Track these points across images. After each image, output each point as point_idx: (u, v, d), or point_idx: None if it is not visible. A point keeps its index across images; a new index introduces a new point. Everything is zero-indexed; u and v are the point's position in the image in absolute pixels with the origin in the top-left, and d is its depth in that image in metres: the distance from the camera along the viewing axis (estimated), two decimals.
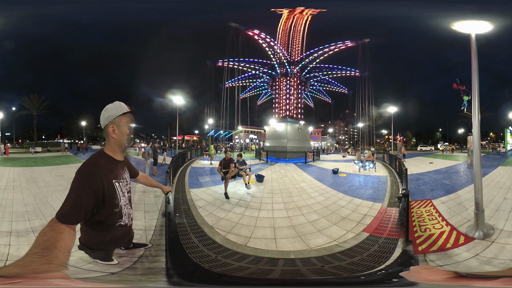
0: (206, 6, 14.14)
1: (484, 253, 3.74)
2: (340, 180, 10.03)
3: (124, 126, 1.77)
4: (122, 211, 1.83)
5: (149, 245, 3.45)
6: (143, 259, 3.08)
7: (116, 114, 1.75)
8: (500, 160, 14.10)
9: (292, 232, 4.79)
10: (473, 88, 4.59)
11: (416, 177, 9.84)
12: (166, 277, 2.00)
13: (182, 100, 17.27)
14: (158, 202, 5.98)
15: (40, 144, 23.54)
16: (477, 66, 4.59)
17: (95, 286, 1.18)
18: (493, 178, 8.65)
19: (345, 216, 5.64)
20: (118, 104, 1.80)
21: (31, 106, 23.50)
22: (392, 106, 19.15)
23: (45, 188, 7.10)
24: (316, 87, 23.26)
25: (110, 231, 1.83)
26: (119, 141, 1.78)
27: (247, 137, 26.82)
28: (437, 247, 4.00)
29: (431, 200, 6.43)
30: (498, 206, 5.54)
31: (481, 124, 4.63)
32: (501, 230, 4.39)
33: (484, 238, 4.16)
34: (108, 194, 1.65)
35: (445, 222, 4.95)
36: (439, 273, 1.10)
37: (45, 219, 4.61)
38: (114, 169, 1.76)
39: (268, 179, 9.47)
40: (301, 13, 18.90)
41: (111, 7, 14.53)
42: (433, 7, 5.03)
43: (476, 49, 4.57)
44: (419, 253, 3.80)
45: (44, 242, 1.20)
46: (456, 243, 4.12)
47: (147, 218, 4.83)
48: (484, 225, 4.38)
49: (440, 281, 1.00)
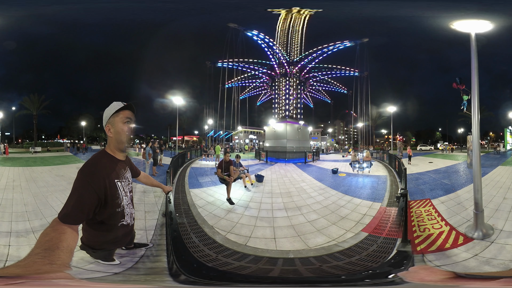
0: (205, 7, 14.15)
1: (483, 253, 3.73)
2: (339, 180, 10.03)
3: (118, 124, 1.78)
4: (124, 211, 1.84)
5: (150, 245, 3.45)
6: (145, 258, 3.09)
7: (110, 113, 1.78)
8: (500, 159, 14.06)
9: (291, 232, 4.80)
10: (473, 87, 4.56)
11: (416, 177, 9.86)
12: (171, 276, 2.01)
13: (182, 101, 17.26)
14: (158, 202, 5.97)
15: (40, 144, 23.57)
16: (476, 65, 4.54)
17: (100, 286, 1.18)
18: (492, 178, 8.63)
19: (344, 215, 5.65)
20: (113, 104, 1.81)
21: (31, 106, 23.53)
22: (391, 105, 19.19)
23: (45, 188, 7.07)
24: (315, 87, 23.30)
25: (112, 231, 1.83)
26: (115, 139, 1.79)
27: (246, 138, 26.82)
28: (436, 247, 3.99)
29: (430, 200, 6.43)
30: (497, 206, 5.53)
31: (481, 123, 4.60)
32: (500, 230, 4.36)
33: (483, 238, 4.12)
34: (110, 194, 1.65)
35: (444, 222, 4.94)
36: (437, 273, 1.09)
37: (45, 219, 4.59)
38: (115, 168, 1.76)
39: (267, 179, 9.48)
40: (298, 13, 18.90)
41: (112, 8, 14.53)
42: (433, 7, 5.01)
43: (476, 48, 4.51)
44: (418, 253, 3.79)
45: (46, 242, 1.20)
46: (455, 243, 4.11)
47: (147, 218, 4.83)
48: (483, 225, 4.35)
49: (438, 282, 0.99)
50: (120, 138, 1.78)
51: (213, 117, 22.93)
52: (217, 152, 14.66)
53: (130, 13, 15.41)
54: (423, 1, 5.25)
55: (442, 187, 7.89)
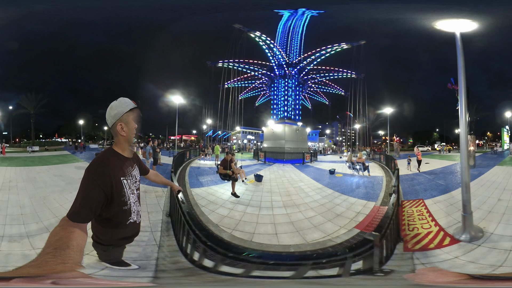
0: (206, 7, 14.24)
1: (465, 256, 3.68)
2: (336, 180, 10.20)
3: (132, 122, 1.76)
4: (131, 209, 1.84)
5: (136, 267, 3.45)
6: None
7: (123, 111, 1.73)
8: (497, 159, 13.97)
9: (291, 228, 5.08)
10: (460, 87, 4.52)
11: (411, 177, 10.01)
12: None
13: (182, 100, 17.28)
14: (161, 202, 5.96)
15: (38, 143, 23.47)
16: (463, 64, 4.51)
17: (117, 285, 1.20)
18: (489, 178, 8.57)
19: (340, 213, 5.87)
20: (124, 100, 1.76)
21: (29, 104, 23.43)
22: (388, 107, 19.39)
23: (42, 189, 6.88)
24: (313, 89, 23.48)
25: (120, 228, 1.83)
26: (128, 138, 1.79)
27: (245, 138, 26.95)
28: (420, 247, 4.04)
29: (423, 200, 6.56)
30: (491, 208, 5.46)
31: (478, 123, 4.60)
32: (491, 234, 4.26)
33: (470, 241, 4.06)
34: (116, 191, 1.66)
35: (434, 223, 4.97)
36: (448, 275, 1.06)
37: (42, 223, 4.44)
38: (122, 166, 1.76)
39: (266, 179, 9.64)
40: (302, 15, 19.07)
41: (112, 7, 14.59)
42: (433, 8, 5.05)
43: (462, 47, 4.48)
44: (408, 250, 3.91)
45: (57, 242, 1.20)
46: (440, 244, 4.11)
47: (151, 219, 4.80)
48: (472, 227, 4.27)
49: (451, 283, 0.97)
50: (132, 137, 1.79)
51: (212, 117, 23.05)
52: (216, 152, 14.75)
53: (131, 12, 15.48)
54: (417, 3, 5.29)
55: (436, 188, 7.95)
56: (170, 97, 17.43)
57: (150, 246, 3.58)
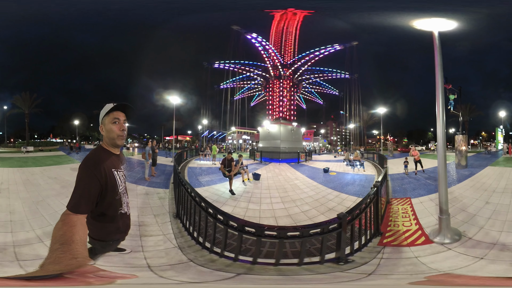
0: (202, 7, 14.36)
1: (428, 257, 3.59)
2: (330, 178, 10.58)
3: (108, 124, 1.94)
4: (122, 199, 2.02)
5: (128, 251, 3.46)
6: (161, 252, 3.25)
7: (102, 115, 1.98)
8: (490, 159, 13.77)
9: (289, 220, 5.69)
10: (437, 85, 4.40)
11: (402, 176, 10.33)
12: None
13: (178, 100, 17.36)
14: (164, 203, 5.93)
15: (32, 143, 23.23)
16: (440, 62, 4.44)
17: (131, 277, 1.33)
18: (479, 179, 8.37)
19: (331, 207, 6.48)
20: (105, 106, 1.98)
21: (23, 104, 23.16)
22: (381, 107, 19.78)
23: (35, 192, 6.49)
24: (308, 89, 23.78)
25: (114, 221, 1.98)
26: (106, 137, 1.97)
27: (240, 138, 27.12)
28: (394, 243, 4.12)
29: (410, 198, 6.79)
30: (477, 211, 5.23)
31: (472, 123, 4.58)
32: (468, 239, 4.07)
33: (443, 243, 3.95)
34: (110, 182, 1.80)
35: (416, 222, 5.00)
36: (461, 278, 1.10)
37: (33, 231, 4.08)
38: (112, 160, 1.96)
39: (264, 177, 10.03)
40: (293, 15, 19.29)
41: (107, 7, 14.61)
42: (413, 8, 5.05)
43: (440, 46, 4.41)
44: (382, 244, 4.07)
45: (61, 237, 1.24)
46: (413, 242, 4.08)
47: (159, 222, 4.76)
48: (448, 230, 4.14)
49: (433, 283, 1.05)
50: (110, 136, 1.95)
51: (207, 118, 23.16)
52: (214, 152, 14.96)
53: (126, 12, 15.49)
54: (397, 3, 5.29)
55: (425, 187, 8.08)
56: (166, 97, 17.50)
57: (171, 249, 3.62)
